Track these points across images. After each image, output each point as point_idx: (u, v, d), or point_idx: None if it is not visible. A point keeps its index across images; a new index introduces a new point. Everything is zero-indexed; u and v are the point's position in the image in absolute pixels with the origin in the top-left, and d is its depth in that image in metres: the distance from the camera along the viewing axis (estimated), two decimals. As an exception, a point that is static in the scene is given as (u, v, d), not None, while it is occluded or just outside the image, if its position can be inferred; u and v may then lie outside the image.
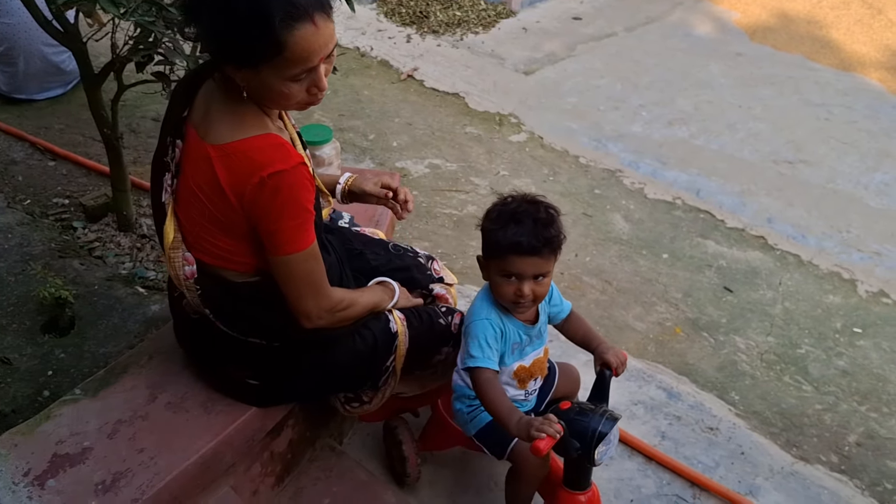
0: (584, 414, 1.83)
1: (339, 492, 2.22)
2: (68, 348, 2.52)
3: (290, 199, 1.61)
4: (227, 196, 1.61)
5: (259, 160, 1.58)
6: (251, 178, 1.58)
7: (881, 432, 2.78)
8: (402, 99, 4.83)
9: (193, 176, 1.66)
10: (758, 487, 2.45)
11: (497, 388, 1.87)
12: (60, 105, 4.16)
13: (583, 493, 1.93)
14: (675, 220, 3.88)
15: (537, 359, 2.02)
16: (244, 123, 1.63)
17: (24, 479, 1.74)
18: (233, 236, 1.70)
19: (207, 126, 1.64)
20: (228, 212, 1.64)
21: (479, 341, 1.88)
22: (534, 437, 1.68)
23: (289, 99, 1.61)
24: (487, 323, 1.90)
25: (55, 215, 3.24)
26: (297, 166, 1.61)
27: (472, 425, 2.07)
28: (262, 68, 1.54)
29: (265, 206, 1.61)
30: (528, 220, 1.82)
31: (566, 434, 1.73)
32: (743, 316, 3.30)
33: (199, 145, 1.64)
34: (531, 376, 2.02)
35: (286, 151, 1.61)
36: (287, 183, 1.59)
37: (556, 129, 4.60)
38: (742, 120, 4.76)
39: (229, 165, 1.60)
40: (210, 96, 1.68)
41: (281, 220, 1.62)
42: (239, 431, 1.92)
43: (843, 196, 4.12)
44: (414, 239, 3.58)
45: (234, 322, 1.80)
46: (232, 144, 1.60)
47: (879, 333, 3.25)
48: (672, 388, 2.81)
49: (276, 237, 1.64)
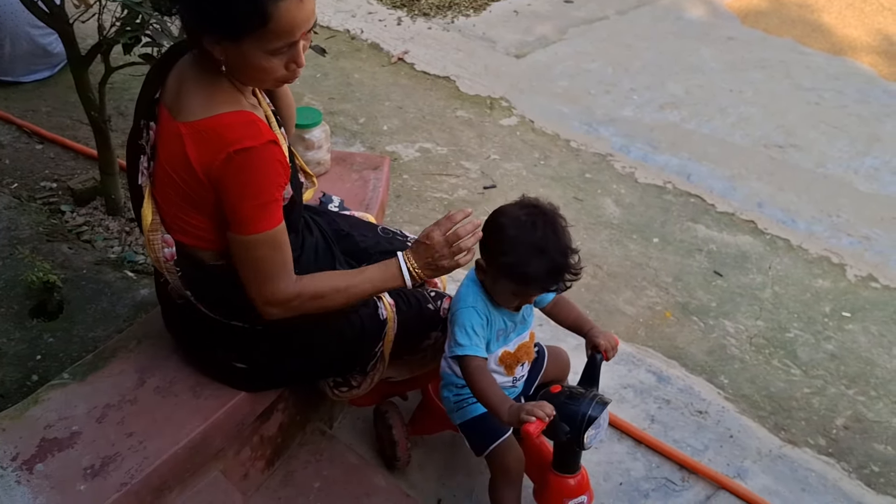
0: (574, 398, 1.84)
1: (329, 475, 2.23)
2: (57, 332, 2.51)
3: (254, 178, 1.59)
4: (196, 172, 1.60)
5: (228, 137, 1.57)
6: (219, 153, 1.56)
7: (868, 416, 2.80)
8: (393, 82, 4.80)
9: (166, 155, 1.65)
10: (746, 470, 2.47)
11: (487, 377, 1.86)
12: (47, 87, 4.12)
13: (572, 476, 1.94)
14: (665, 205, 3.89)
15: (522, 343, 2.02)
16: (216, 100, 1.61)
17: (13, 463, 1.74)
18: (204, 213, 1.69)
19: (179, 104, 1.63)
20: (198, 188, 1.63)
21: (465, 329, 1.87)
22: (524, 420, 1.68)
23: (268, 73, 1.60)
24: (473, 311, 1.89)
25: (43, 199, 3.21)
26: (267, 144, 1.59)
27: (458, 415, 2.07)
28: (243, 40, 1.52)
29: (229, 182, 1.59)
30: (554, 255, 1.80)
31: (556, 418, 1.73)
32: (732, 300, 3.31)
33: (170, 125, 1.63)
34: (517, 361, 2.02)
35: (257, 129, 1.60)
36: (254, 161, 1.58)
37: (548, 113, 4.59)
38: (733, 104, 4.75)
39: (199, 142, 1.58)
40: (183, 75, 1.66)
41: (243, 198, 1.60)
42: (228, 415, 1.92)
43: (833, 180, 4.13)
44: (404, 223, 3.57)
45: (214, 305, 1.79)
46: (203, 121, 1.58)
47: (868, 317, 3.26)
48: (661, 371, 2.82)
49: (234, 215, 1.62)
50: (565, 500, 1.93)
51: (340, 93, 4.62)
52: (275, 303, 1.73)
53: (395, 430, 2.30)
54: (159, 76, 1.72)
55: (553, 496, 1.95)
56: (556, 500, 1.95)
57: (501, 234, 1.83)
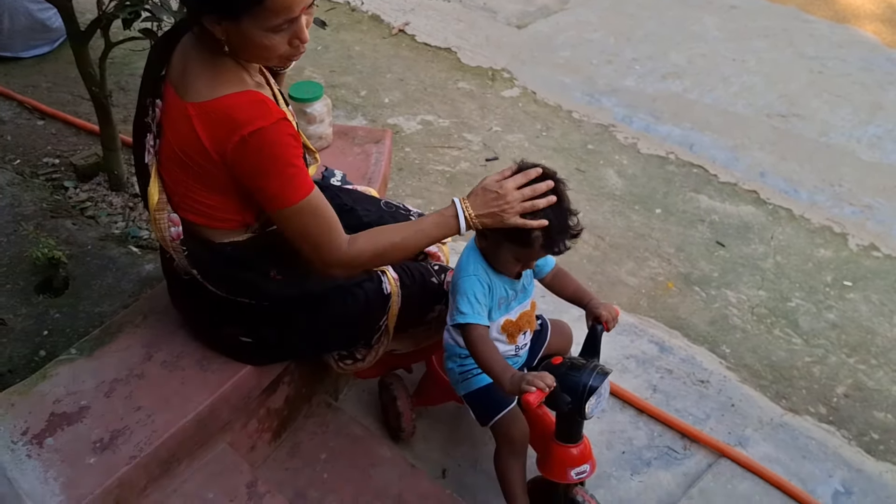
0: (576, 368, 1.85)
1: (335, 446, 2.25)
2: (63, 308, 2.53)
3: (272, 156, 1.59)
4: (209, 154, 1.60)
5: (239, 118, 1.57)
6: (232, 136, 1.57)
7: (869, 384, 2.82)
8: (394, 54, 4.78)
9: (174, 135, 1.65)
10: (747, 438, 2.49)
11: (489, 345, 1.88)
12: (47, 63, 4.11)
13: (574, 445, 1.96)
14: (668, 175, 3.88)
15: (524, 312, 2.03)
16: (222, 80, 1.61)
17: (23, 437, 1.77)
18: (219, 193, 1.69)
19: (186, 84, 1.63)
20: (213, 169, 1.63)
21: (468, 297, 1.88)
22: (525, 390, 1.70)
23: (270, 51, 1.59)
24: (475, 279, 1.90)
25: (46, 175, 3.22)
26: (278, 122, 1.59)
27: (462, 386, 2.09)
28: (242, 19, 1.51)
29: (249, 164, 1.60)
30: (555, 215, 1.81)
31: (557, 388, 1.75)
32: (734, 270, 3.32)
33: (178, 104, 1.63)
34: (519, 330, 2.03)
35: (266, 108, 1.59)
36: (268, 140, 1.58)
37: (549, 84, 4.57)
38: (736, 73, 4.73)
39: (209, 124, 1.59)
40: (187, 53, 1.66)
41: (266, 177, 1.60)
42: (235, 389, 1.95)
43: (835, 150, 4.12)
44: (407, 196, 3.58)
45: (220, 283, 1.80)
46: (211, 102, 1.58)
47: (869, 286, 3.28)
48: (664, 341, 2.83)
49: (262, 193, 1.64)
50: (568, 469, 1.96)
51: (341, 66, 4.60)
52: (334, 265, 1.74)
53: (400, 401, 2.32)
54: (164, 53, 1.71)
55: (556, 465, 1.97)
56: (559, 469, 1.97)
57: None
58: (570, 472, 1.96)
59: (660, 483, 2.36)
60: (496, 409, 2.03)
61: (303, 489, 2.13)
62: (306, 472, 2.18)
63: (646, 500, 2.31)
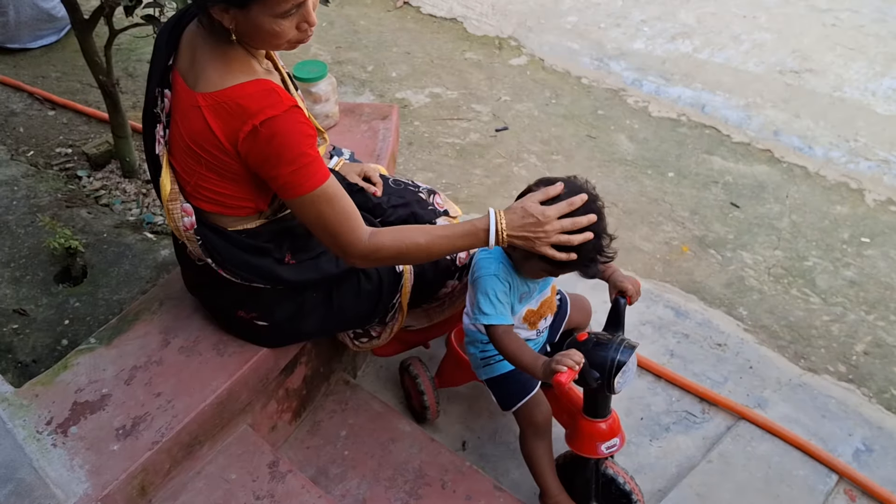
0: (602, 345, 1.85)
1: (355, 423, 2.28)
2: (82, 297, 2.56)
3: (284, 145, 1.59)
4: (222, 144, 1.61)
5: (250, 108, 1.57)
6: (243, 126, 1.57)
7: (888, 340, 2.81)
8: (400, 27, 4.75)
9: (185, 126, 1.65)
10: (766, 400, 2.49)
11: (515, 340, 1.87)
12: (55, 52, 4.13)
13: (603, 420, 1.96)
14: (680, 138, 3.85)
15: (545, 300, 2.04)
16: (232, 69, 1.61)
17: (48, 427, 1.80)
18: (231, 181, 1.70)
19: (195, 74, 1.63)
20: (225, 158, 1.64)
21: (489, 297, 1.87)
22: (556, 370, 1.69)
23: (279, 37, 1.59)
24: (496, 279, 1.89)
25: (59, 165, 3.24)
26: (290, 110, 1.59)
27: (483, 371, 2.10)
28: (252, 7, 1.51)
29: (261, 153, 1.60)
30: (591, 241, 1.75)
31: (586, 365, 1.74)
32: (750, 231, 3.30)
33: (187, 94, 1.63)
34: (541, 317, 2.04)
35: (277, 97, 1.59)
36: (280, 129, 1.58)
37: (557, 51, 4.53)
38: (746, 31, 4.66)
39: (220, 114, 1.59)
40: (195, 42, 1.66)
41: (279, 165, 1.60)
42: (253, 371, 1.97)
43: (850, 104, 4.06)
44: (417, 170, 3.57)
45: (235, 269, 1.81)
46: (222, 92, 1.58)
47: (887, 242, 3.25)
48: (680, 306, 2.83)
49: (276, 182, 1.63)
50: (598, 443, 1.96)
51: (347, 41, 4.58)
52: (352, 256, 1.71)
53: (426, 392, 2.33)
54: (170, 42, 1.71)
55: (585, 441, 1.98)
56: (588, 444, 1.97)
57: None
58: (600, 446, 1.96)
59: (679, 448, 2.37)
60: (519, 396, 2.04)
61: (324, 467, 2.16)
62: (327, 450, 2.21)
63: (665, 465, 2.32)
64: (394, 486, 2.11)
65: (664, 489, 2.25)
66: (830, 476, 2.26)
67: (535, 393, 2.04)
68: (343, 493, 2.10)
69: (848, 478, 2.25)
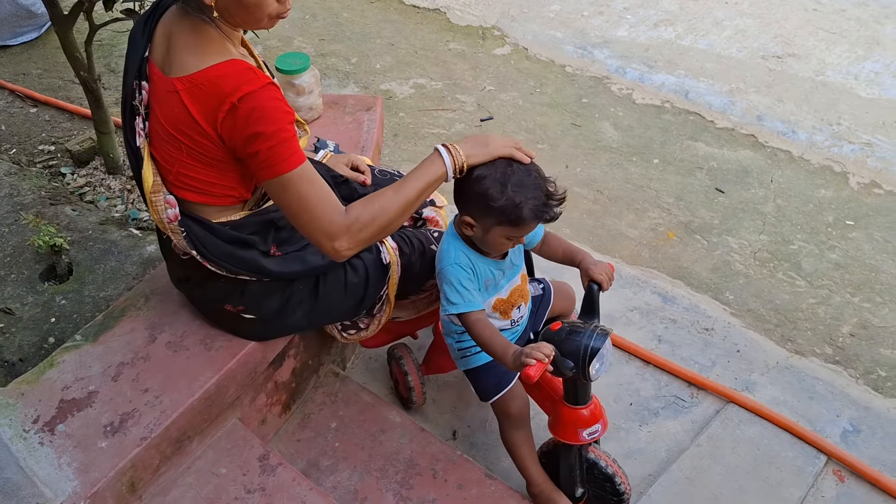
0: (576, 332, 1.84)
1: (345, 415, 2.28)
2: (69, 294, 2.54)
3: (263, 120, 1.57)
4: (202, 128, 1.60)
5: (227, 87, 1.56)
6: (222, 105, 1.56)
7: (874, 321, 2.83)
8: (383, 18, 4.73)
9: (164, 113, 1.65)
10: (754, 383, 2.51)
11: (486, 327, 1.86)
12: (36, 49, 4.09)
13: (584, 406, 1.96)
14: (664, 125, 3.86)
15: (515, 288, 2.03)
16: (208, 51, 1.60)
17: (34, 425, 1.79)
18: (213, 167, 1.69)
19: (170, 60, 1.62)
20: (205, 142, 1.63)
21: (454, 287, 1.87)
22: (525, 363, 1.68)
23: (261, 10, 1.59)
24: (458, 267, 1.88)
25: (42, 163, 3.22)
26: (266, 86, 1.58)
27: (462, 363, 2.11)
28: None
29: (240, 130, 1.58)
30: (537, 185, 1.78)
31: (558, 355, 1.74)
32: (735, 216, 3.31)
33: (164, 82, 1.62)
34: (512, 306, 2.03)
35: (252, 73, 1.58)
36: (258, 103, 1.56)
37: (541, 39, 4.53)
38: (729, 16, 4.67)
39: (198, 95, 1.58)
40: (170, 29, 1.65)
41: (258, 142, 1.58)
42: (241, 365, 1.96)
43: (833, 88, 4.08)
44: (402, 161, 3.57)
45: (220, 261, 1.80)
46: (198, 74, 1.58)
47: (871, 224, 3.27)
48: (667, 292, 2.84)
49: (255, 160, 1.61)
50: (580, 430, 1.96)
51: (330, 33, 4.56)
52: (335, 235, 1.66)
53: (410, 372, 2.34)
54: (145, 33, 1.70)
55: (568, 428, 1.98)
56: (570, 431, 1.97)
57: (485, 184, 1.78)
58: (581, 433, 1.96)
59: (668, 432, 2.38)
60: (496, 389, 2.05)
61: (315, 459, 2.16)
62: (318, 442, 2.21)
63: (655, 450, 2.33)
64: (385, 476, 2.11)
65: (654, 474, 2.26)
66: (819, 457, 2.28)
67: (513, 385, 2.05)
68: (334, 484, 2.10)
69: (836, 458, 2.27)
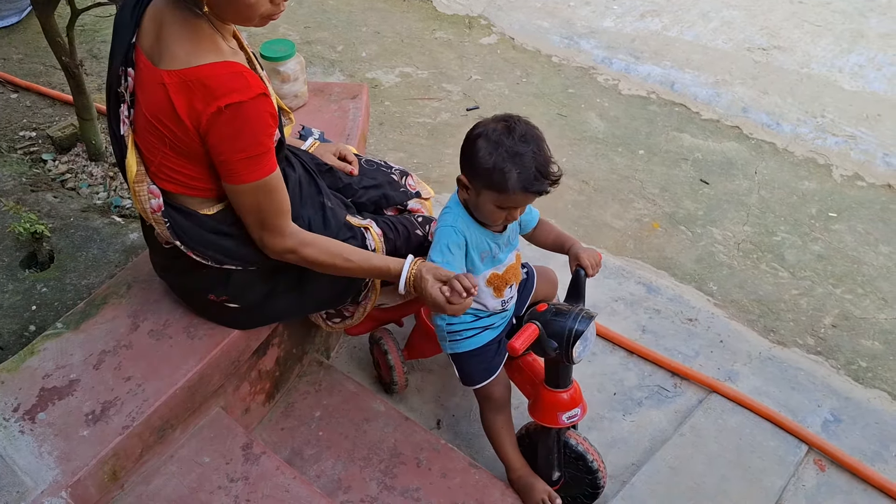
0: (561, 314, 1.87)
1: (329, 404, 2.27)
2: (50, 282, 2.52)
3: (245, 132, 1.57)
4: (183, 123, 1.58)
5: (217, 90, 1.54)
6: (208, 106, 1.54)
7: (855, 313, 2.85)
8: (369, 6, 4.71)
9: (148, 104, 1.62)
10: (736, 373, 2.52)
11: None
12: (17, 34, 4.04)
13: (564, 390, 1.98)
14: (650, 116, 3.86)
15: (510, 266, 2.04)
16: (200, 47, 1.58)
17: (14, 414, 1.77)
18: (192, 161, 1.67)
19: (160, 50, 1.59)
20: (187, 139, 1.61)
21: (440, 246, 1.89)
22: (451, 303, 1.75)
23: (254, 10, 1.57)
24: (452, 230, 1.89)
25: (23, 149, 3.18)
26: (258, 97, 1.57)
27: (449, 346, 2.10)
28: None
29: (219, 135, 1.57)
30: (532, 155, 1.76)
31: (543, 335, 1.76)
32: (719, 207, 3.32)
33: (151, 72, 1.60)
34: (506, 283, 2.04)
35: (245, 81, 1.56)
36: (245, 115, 1.56)
37: (527, 29, 4.52)
38: (715, 8, 4.68)
39: (185, 92, 1.56)
40: (160, 18, 1.62)
41: (233, 151, 1.58)
42: (224, 353, 1.95)
43: (817, 80, 4.09)
44: (389, 150, 3.55)
45: (204, 251, 1.79)
46: (188, 71, 1.55)
47: (854, 216, 3.29)
48: (651, 282, 2.85)
49: (225, 167, 1.62)
50: (559, 413, 1.98)
51: (316, 21, 4.53)
52: (273, 249, 1.74)
53: (392, 355, 2.34)
54: (133, 18, 1.67)
55: (547, 411, 2.00)
56: (550, 414, 2.00)
57: (479, 143, 1.79)
58: (561, 416, 1.98)
59: (651, 421, 2.39)
60: (482, 377, 2.06)
61: (299, 448, 2.15)
62: (302, 431, 2.20)
63: (638, 439, 2.34)
64: (369, 465, 2.11)
65: (638, 462, 2.27)
66: (800, 447, 2.29)
67: (499, 374, 2.06)
68: (318, 473, 2.09)
69: (817, 448, 2.29)
